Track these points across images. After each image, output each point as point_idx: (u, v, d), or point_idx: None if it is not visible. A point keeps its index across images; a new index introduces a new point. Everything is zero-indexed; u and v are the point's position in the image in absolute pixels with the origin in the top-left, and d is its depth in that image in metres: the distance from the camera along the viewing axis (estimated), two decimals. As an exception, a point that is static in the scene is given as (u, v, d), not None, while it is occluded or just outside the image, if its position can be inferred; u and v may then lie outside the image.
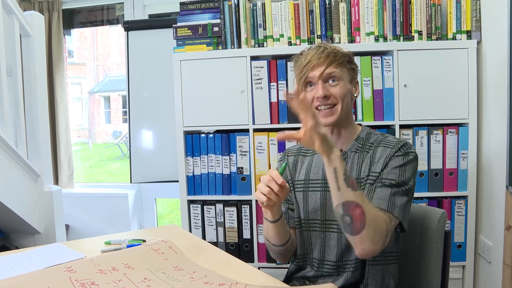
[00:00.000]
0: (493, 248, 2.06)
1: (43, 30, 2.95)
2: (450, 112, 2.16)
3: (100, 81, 17.03)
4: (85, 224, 3.67)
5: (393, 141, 1.33)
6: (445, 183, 2.18)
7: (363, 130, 1.41)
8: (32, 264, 1.30)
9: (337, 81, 1.33)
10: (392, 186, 1.25)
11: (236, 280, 1.15)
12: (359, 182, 1.31)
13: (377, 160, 1.30)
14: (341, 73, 1.33)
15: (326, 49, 1.34)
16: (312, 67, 1.33)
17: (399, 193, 1.24)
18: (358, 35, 2.23)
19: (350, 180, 1.14)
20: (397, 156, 1.28)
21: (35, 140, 2.84)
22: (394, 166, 1.27)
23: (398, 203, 1.23)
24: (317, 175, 1.40)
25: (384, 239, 1.18)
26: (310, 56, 1.33)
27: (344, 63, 1.34)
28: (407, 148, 1.30)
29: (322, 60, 1.32)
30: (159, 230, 1.69)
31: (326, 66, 1.31)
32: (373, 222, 1.14)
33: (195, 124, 2.32)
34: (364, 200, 1.15)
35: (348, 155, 1.36)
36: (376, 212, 1.18)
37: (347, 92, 1.34)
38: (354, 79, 1.39)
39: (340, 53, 1.34)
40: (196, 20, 2.32)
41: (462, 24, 2.17)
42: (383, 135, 1.38)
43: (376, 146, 1.34)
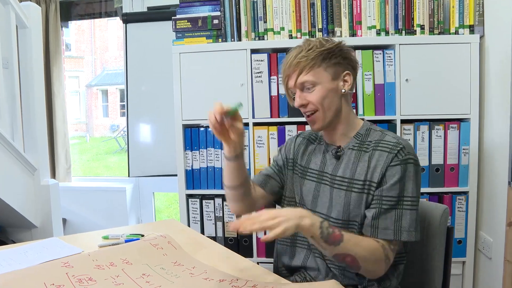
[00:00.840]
0: (493, 244, 2.05)
1: (40, 21, 2.92)
2: (452, 107, 2.14)
3: (97, 74, 16.99)
4: (83, 218, 3.65)
5: (390, 144, 1.26)
6: (446, 178, 2.17)
7: (363, 126, 1.36)
8: (28, 259, 1.28)
9: (312, 87, 1.28)
10: (394, 207, 1.21)
11: (237, 276, 1.13)
12: (352, 183, 1.28)
13: (374, 166, 1.25)
14: (314, 78, 1.27)
15: (301, 51, 1.28)
16: (286, 77, 1.32)
17: (402, 212, 1.21)
18: (360, 29, 2.20)
19: (330, 238, 1.13)
20: (394, 166, 1.22)
21: (31, 133, 2.82)
22: (392, 182, 1.21)
23: (405, 225, 1.20)
24: (315, 165, 1.40)
25: (386, 263, 1.20)
26: (286, 63, 1.31)
27: (318, 64, 1.27)
28: (405, 154, 1.23)
29: (292, 69, 1.29)
30: (157, 225, 1.67)
31: (297, 75, 1.28)
32: (368, 260, 1.17)
33: (194, 118, 2.29)
34: (351, 247, 1.15)
35: (345, 152, 1.33)
36: (369, 248, 1.18)
37: (326, 95, 1.28)
38: (338, 73, 1.30)
39: (314, 53, 1.26)
40: (196, 13, 2.29)
41: (465, 18, 2.14)
42: (383, 132, 1.33)
43: (374, 148, 1.28)
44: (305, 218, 1.11)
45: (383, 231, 1.21)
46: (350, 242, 1.16)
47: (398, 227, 1.20)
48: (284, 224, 1.08)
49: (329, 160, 1.36)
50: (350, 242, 1.16)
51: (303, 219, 1.11)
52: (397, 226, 1.20)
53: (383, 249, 1.20)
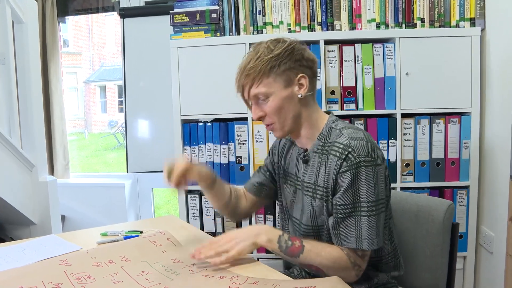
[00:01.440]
0: (495, 239, 2.04)
1: (36, 16, 2.90)
2: (453, 101, 2.12)
3: (95, 70, 16.93)
4: (81, 215, 3.64)
5: (340, 146, 1.18)
6: (447, 172, 2.16)
7: (326, 125, 1.28)
8: (26, 257, 1.27)
9: (266, 98, 1.23)
10: (350, 215, 1.17)
11: (237, 273, 1.12)
12: (315, 189, 1.25)
13: (328, 172, 1.20)
14: (266, 89, 1.21)
15: (249, 63, 1.22)
16: (240, 86, 1.27)
17: (361, 220, 1.15)
18: (359, 22, 2.18)
19: (288, 251, 1.17)
20: (343, 173, 1.16)
21: (29, 129, 2.80)
22: (343, 190, 1.16)
23: (364, 233, 1.15)
24: (292, 169, 1.37)
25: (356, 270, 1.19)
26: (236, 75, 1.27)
27: (267, 72, 1.21)
28: (354, 158, 1.14)
29: (243, 81, 1.24)
30: (156, 221, 1.66)
31: (248, 88, 1.24)
32: (332, 267, 1.17)
33: (192, 113, 2.27)
34: (312, 257, 1.17)
35: (311, 155, 1.28)
36: (330, 255, 1.17)
37: (281, 104, 1.22)
38: (292, 79, 1.23)
39: (261, 63, 1.20)
40: (194, 7, 2.27)
41: (465, 11, 2.12)
42: (341, 131, 1.22)
43: (328, 151, 1.21)
44: (260, 235, 1.17)
45: (345, 239, 1.18)
46: (310, 252, 1.17)
47: (359, 235, 1.16)
48: (240, 245, 1.16)
49: (300, 164, 1.33)
50: (310, 252, 1.17)
51: (259, 237, 1.17)
52: (357, 234, 1.16)
53: (347, 257, 1.17)
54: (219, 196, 1.43)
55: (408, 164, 2.16)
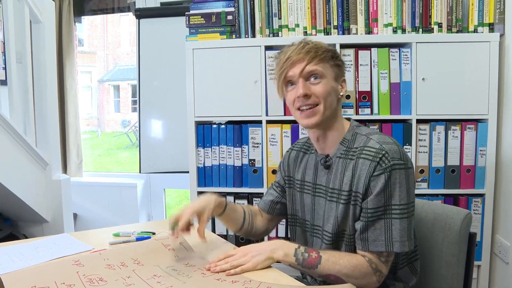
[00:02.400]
0: (510, 249, 2.00)
1: (53, 16, 2.92)
2: (469, 108, 2.09)
3: (109, 70, 17.07)
4: (93, 214, 3.65)
5: (372, 150, 1.18)
6: (462, 180, 2.12)
7: (349, 130, 1.28)
8: (39, 255, 1.28)
9: (319, 79, 1.21)
10: (382, 217, 1.16)
11: (250, 278, 1.11)
12: (340, 194, 1.23)
13: (358, 176, 1.19)
14: (323, 70, 1.21)
15: (307, 44, 1.23)
16: (292, 64, 1.22)
17: (392, 222, 1.15)
18: (376, 26, 2.16)
19: (307, 264, 1.17)
20: (377, 176, 1.15)
21: (44, 128, 2.82)
22: (376, 193, 1.15)
23: (396, 235, 1.15)
24: (310, 177, 1.35)
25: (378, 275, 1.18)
26: (290, 51, 1.23)
27: (327, 59, 1.23)
28: (388, 161, 1.15)
29: (302, 56, 1.21)
30: (168, 222, 1.65)
31: (306, 62, 1.20)
32: (352, 275, 1.16)
33: (207, 115, 2.27)
34: (330, 267, 1.16)
35: (334, 161, 1.27)
36: (349, 263, 1.16)
37: (330, 91, 1.22)
38: (339, 76, 1.27)
39: (323, 48, 1.23)
40: (210, 8, 2.27)
41: (484, 16, 2.09)
42: (368, 136, 1.23)
43: (358, 156, 1.21)
44: (277, 250, 1.18)
45: (373, 242, 1.17)
46: (328, 262, 1.16)
47: (389, 237, 1.15)
48: (255, 259, 1.16)
49: (321, 171, 1.31)
50: (328, 262, 1.16)
51: (276, 252, 1.18)
52: (387, 237, 1.15)
53: (369, 263, 1.17)
54: (233, 221, 1.44)
55: (423, 171, 2.13)
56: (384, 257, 1.18)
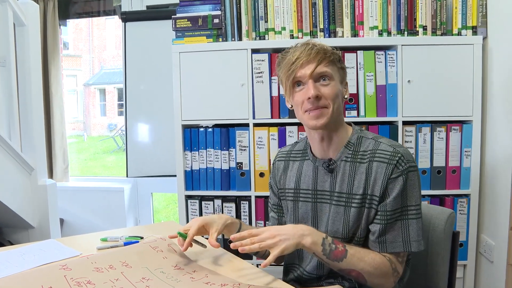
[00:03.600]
0: (495, 248, 2.03)
1: (37, 19, 2.90)
2: (454, 109, 2.12)
3: (95, 73, 16.93)
4: (80, 219, 3.62)
5: (387, 153, 1.20)
6: (448, 181, 2.15)
7: (353, 134, 1.29)
8: (25, 262, 1.26)
9: (329, 81, 1.22)
10: (400, 219, 1.18)
11: (239, 281, 1.11)
12: (351, 198, 1.23)
13: (373, 179, 1.20)
14: (332, 72, 1.22)
15: (315, 46, 1.23)
16: (301, 64, 1.21)
17: (408, 223, 1.18)
18: (362, 29, 2.18)
19: (333, 255, 1.14)
20: (395, 178, 1.17)
21: (29, 132, 2.79)
22: (395, 195, 1.17)
23: (413, 235, 1.18)
24: (307, 184, 1.33)
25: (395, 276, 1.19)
26: (299, 53, 1.22)
27: (335, 61, 1.24)
28: (404, 163, 1.18)
29: (312, 57, 1.20)
30: (157, 227, 1.65)
31: (316, 63, 1.20)
32: (374, 273, 1.16)
33: (193, 118, 2.27)
34: (355, 262, 1.15)
35: (338, 164, 1.27)
36: (374, 262, 1.16)
37: (338, 93, 1.23)
38: (344, 79, 1.29)
39: (330, 51, 1.23)
40: (196, 12, 2.27)
41: (467, 19, 2.12)
42: (376, 140, 1.25)
43: (370, 159, 1.22)
44: (306, 236, 1.12)
45: (391, 244, 1.19)
46: (354, 257, 1.15)
47: (407, 238, 1.18)
48: (284, 243, 1.10)
49: (322, 176, 1.30)
50: (354, 257, 1.15)
51: (304, 238, 1.12)
52: (405, 237, 1.18)
53: (390, 263, 1.18)
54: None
55: (409, 172, 2.15)
56: (401, 257, 1.20)
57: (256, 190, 2.23)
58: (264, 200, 2.22)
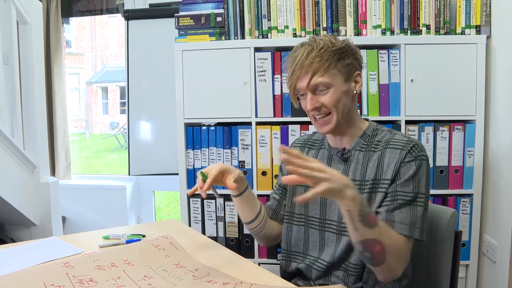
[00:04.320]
0: (498, 248, 2.03)
1: (41, 17, 2.90)
2: (457, 109, 2.11)
3: (98, 71, 16.96)
4: (82, 217, 3.63)
5: (401, 141, 1.23)
6: (450, 180, 2.14)
7: (369, 126, 1.33)
8: (28, 259, 1.26)
9: (326, 89, 1.23)
10: (409, 203, 1.19)
11: (241, 279, 1.11)
12: (363, 184, 1.25)
13: (386, 164, 1.22)
14: (330, 79, 1.22)
15: (312, 50, 1.22)
16: (297, 78, 1.24)
17: (417, 209, 1.19)
18: (365, 28, 2.17)
19: (367, 219, 1.05)
20: (408, 162, 1.20)
21: (31, 130, 2.79)
22: (407, 177, 1.19)
23: (418, 222, 1.18)
24: None
25: (404, 262, 1.17)
26: (295, 64, 1.24)
27: (333, 64, 1.22)
28: (418, 151, 1.21)
29: (305, 70, 1.21)
30: (159, 225, 1.65)
31: (311, 75, 1.21)
32: (394, 252, 1.12)
33: (196, 116, 2.27)
34: (383, 234, 1.09)
35: (352, 154, 1.30)
36: (396, 240, 1.14)
37: (340, 97, 1.24)
38: (351, 74, 1.27)
39: (328, 53, 1.21)
40: (199, 10, 2.26)
41: (471, 18, 2.12)
42: (391, 132, 1.30)
43: (384, 147, 1.25)
44: (349, 189, 1.03)
45: (399, 224, 1.17)
46: (383, 228, 1.10)
47: (413, 223, 1.17)
48: (331, 183, 1.00)
49: (336, 164, 1.33)
50: (383, 228, 1.10)
51: (347, 189, 1.02)
52: (412, 221, 1.17)
53: (407, 247, 1.17)
54: (251, 206, 1.41)
55: (412, 171, 2.14)
56: (410, 244, 1.18)
57: (258, 189, 2.23)
58: (266, 198, 2.21)
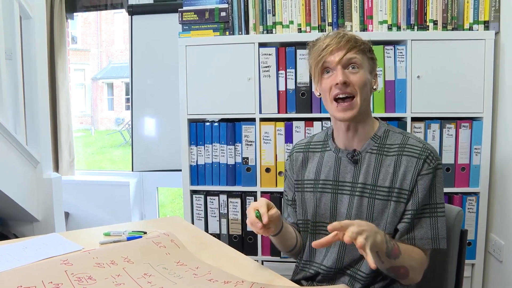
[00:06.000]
0: (505, 247, 2.00)
1: (44, 12, 2.88)
2: (464, 106, 2.08)
3: (103, 67, 16.98)
4: (85, 212, 3.62)
5: (417, 148, 1.22)
6: (457, 178, 2.11)
7: (380, 127, 1.30)
8: (27, 256, 1.25)
9: (358, 69, 1.22)
10: (429, 216, 1.20)
11: (242, 278, 1.09)
12: (376, 190, 1.23)
13: (402, 173, 1.20)
14: (361, 61, 1.23)
15: (346, 35, 1.24)
16: (331, 51, 1.21)
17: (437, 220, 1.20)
18: (371, 24, 2.14)
19: (392, 253, 1.11)
20: (426, 175, 1.19)
21: (34, 125, 2.79)
22: (427, 191, 1.19)
23: (441, 233, 1.20)
24: (328, 175, 1.32)
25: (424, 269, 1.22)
26: (329, 40, 1.23)
27: (365, 51, 1.25)
28: (434, 160, 1.21)
29: (343, 45, 1.21)
30: (161, 222, 1.64)
31: (346, 51, 1.21)
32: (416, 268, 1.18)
33: (199, 112, 2.25)
34: (406, 259, 1.14)
35: (363, 156, 1.27)
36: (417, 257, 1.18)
37: (367, 82, 1.23)
38: (373, 70, 1.29)
39: (361, 41, 1.25)
40: (203, 5, 2.24)
41: (479, 14, 2.08)
42: (403, 134, 1.27)
43: (399, 153, 1.22)
44: (378, 234, 1.07)
45: (420, 241, 1.20)
46: (405, 254, 1.15)
47: (435, 235, 1.19)
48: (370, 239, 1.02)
49: (345, 167, 1.29)
50: (405, 254, 1.15)
51: (377, 235, 1.06)
52: (434, 234, 1.19)
53: (426, 259, 1.22)
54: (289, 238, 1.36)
55: (418, 169, 2.12)
56: (429, 254, 1.23)
57: (262, 186, 2.21)
58: (270, 196, 2.20)
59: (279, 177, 2.20)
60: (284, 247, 1.39)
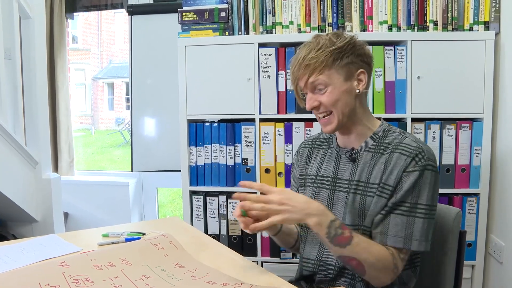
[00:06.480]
0: (505, 248, 1.99)
1: (43, 12, 2.88)
2: (464, 107, 2.07)
3: (104, 67, 17.00)
4: (85, 213, 3.61)
5: (409, 147, 1.19)
6: (457, 179, 2.11)
7: (381, 127, 1.29)
8: (25, 257, 1.24)
9: (324, 88, 1.21)
10: (408, 214, 1.17)
11: (241, 280, 1.08)
12: (368, 187, 1.23)
13: (391, 169, 1.19)
14: (326, 79, 1.20)
15: (311, 51, 1.21)
16: (295, 79, 1.26)
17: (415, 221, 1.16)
18: (371, 24, 2.14)
19: (336, 240, 1.11)
20: (411, 172, 1.16)
21: (33, 126, 2.78)
22: (406, 188, 1.16)
23: (416, 234, 1.16)
24: (327, 171, 1.33)
25: (394, 272, 1.17)
26: (294, 64, 1.24)
27: (330, 64, 1.20)
28: (424, 159, 1.17)
29: (302, 72, 1.22)
30: (160, 223, 1.63)
31: (307, 77, 1.21)
32: (375, 265, 1.14)
33: (199, 113, 2.24)
34: (358, 251, 1.12)
35: (360, 154, 1.27)
36: (377, 254, 1.14)
37: (339, 97, 1.21)
38: (351, 73, 1.23)
39: (324, 54, 1.19)
40: (203, 5, 2.23)
41: (480, 14, 2.07)
42: (403, 134, 1.26)
43: (392, 151, 1.22)
44: (313, 216, 1.10)
45: (392, 237, 1.17)
46: (358, 246, 1.13)
47: (409, 235, 1.16)
48: (287, 214, 1.09)
49: (344, 165, 1.30)
50: (358, 246, 1.13)
51: (310, 217, 1.10)
52: (407, 233, 1.16)
53: (392, 257, 1.16)
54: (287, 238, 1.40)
55: (418, 170, 2.11)
56: (403, 254, 1.18)
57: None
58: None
59: (279, 177, 2.19)
60: (285, 244, 1.42)
